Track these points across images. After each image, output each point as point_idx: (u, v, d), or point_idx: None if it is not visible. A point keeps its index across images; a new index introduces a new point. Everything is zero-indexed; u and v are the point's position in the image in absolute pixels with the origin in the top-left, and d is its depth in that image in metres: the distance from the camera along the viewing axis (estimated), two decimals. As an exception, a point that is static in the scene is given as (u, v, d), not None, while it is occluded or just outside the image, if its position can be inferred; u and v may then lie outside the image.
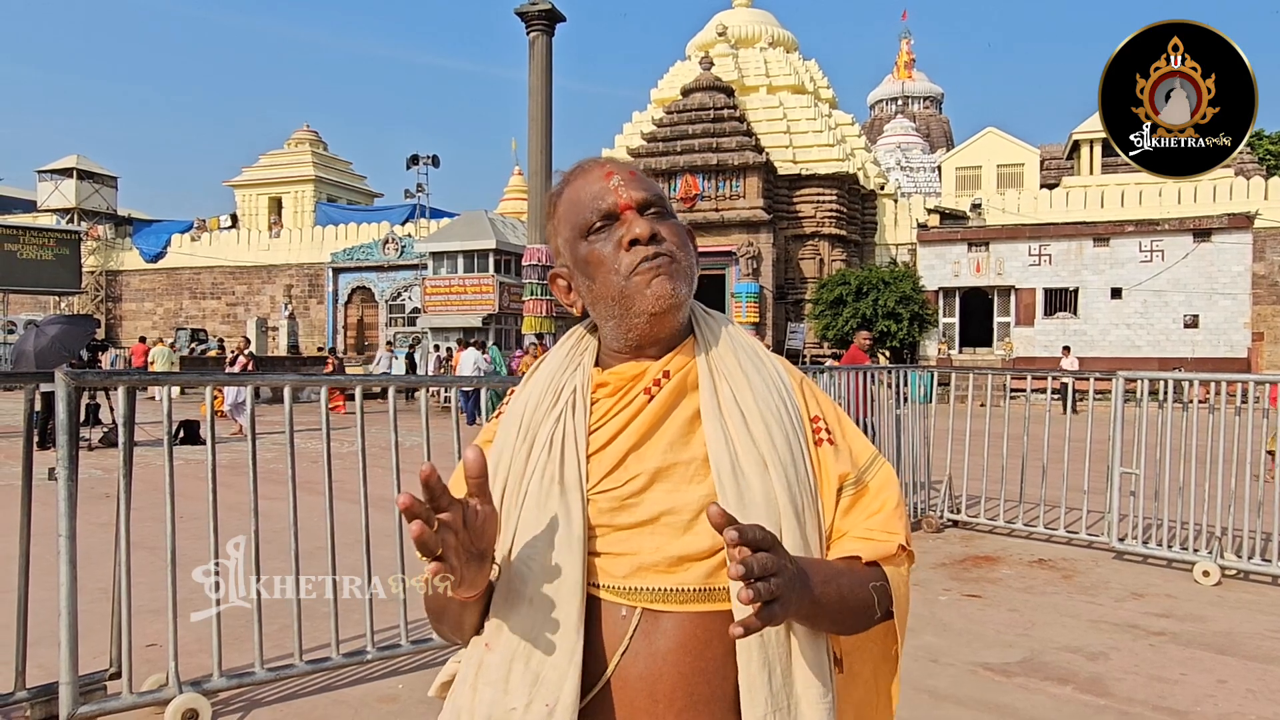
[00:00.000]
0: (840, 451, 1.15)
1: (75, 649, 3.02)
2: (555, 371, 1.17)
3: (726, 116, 27.11)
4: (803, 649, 1.05)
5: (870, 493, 1.15)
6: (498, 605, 1.06)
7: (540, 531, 1.04)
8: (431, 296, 27.74)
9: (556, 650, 1.00)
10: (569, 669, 0.99)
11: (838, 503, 1.13)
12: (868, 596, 1.06)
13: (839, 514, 1.13)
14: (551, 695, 0.98)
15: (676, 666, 1.01)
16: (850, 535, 1.12)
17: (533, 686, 1.00)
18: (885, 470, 1.18)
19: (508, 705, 1.01)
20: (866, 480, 1.15)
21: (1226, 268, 24.54)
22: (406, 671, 3.86)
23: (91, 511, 5.21)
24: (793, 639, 1.05)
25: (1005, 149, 37.61)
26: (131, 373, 4.46)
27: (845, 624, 1.07)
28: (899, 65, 53.28)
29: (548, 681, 0.99)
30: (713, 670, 1.02)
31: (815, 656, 1.06)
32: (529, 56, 20.83)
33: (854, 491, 1.14)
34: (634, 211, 1.11)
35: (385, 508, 3.86)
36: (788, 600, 0.92)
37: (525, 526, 1.06)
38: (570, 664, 0.99)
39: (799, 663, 1.04)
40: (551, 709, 0.98)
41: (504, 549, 1.06)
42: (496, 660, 1.04)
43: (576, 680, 0.99)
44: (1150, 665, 4.06)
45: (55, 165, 38.62)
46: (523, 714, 0.99)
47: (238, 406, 13.99)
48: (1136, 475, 6.12)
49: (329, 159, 43.17)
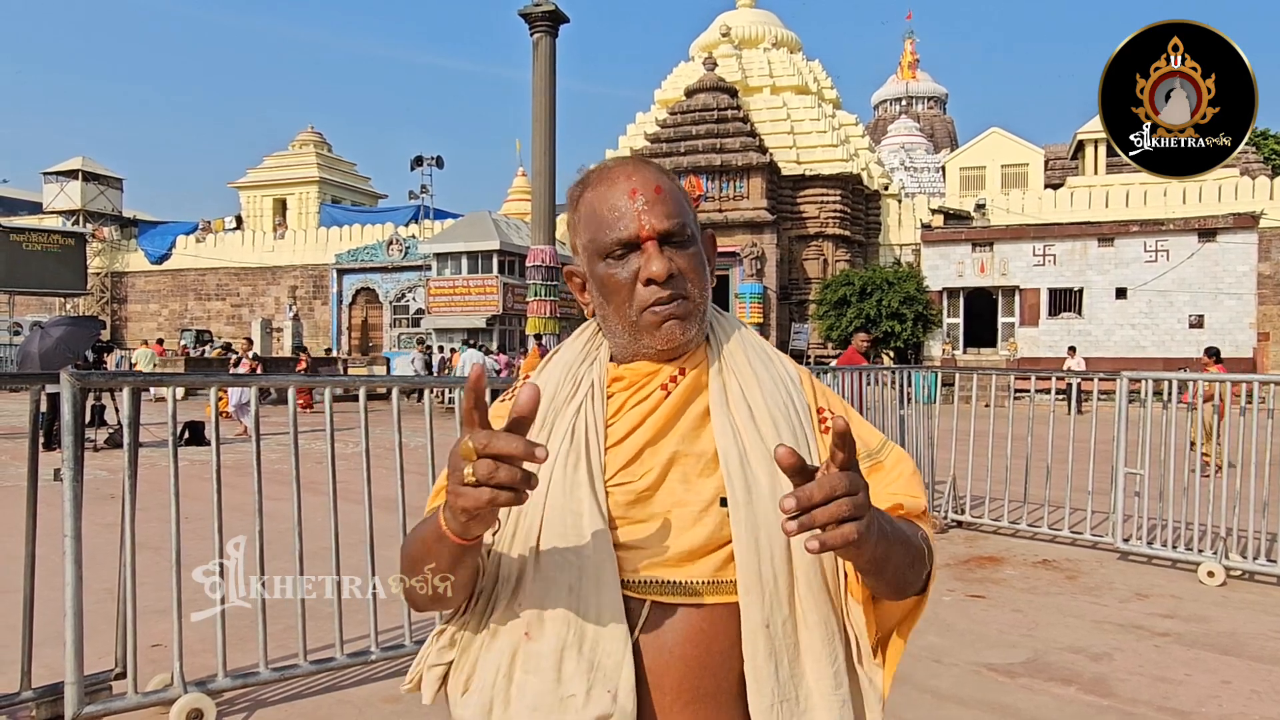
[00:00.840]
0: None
1: (80, 649, 3.03)
2: (572, 363, 1.18)
3: (730, 117, 27.10)
4: (811, 640, 1.05)
5: (886, 466, 1.15)
6: (534, 595, 1.05)
7: (571, 520, 1.05)
8: (436, 297, 27.77)
9: (610, 638, 1.01)
10: (625, 655, 1.00)
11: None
12: (920, 547, 1.05)
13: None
14: (611, 682, 0.99)
15: (684, 659, 1.01)
16: (880, 494, 1.08)
17: (590, 673, 1.00)
18: (897, 450, 1.19)
19: (563, 693, 1.00)
20: (880, 457, 1.16)
21: (1232, 267, 24.48)
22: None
23: (97, 512, 5.23)
24: (800, 630, 1.05)
25: (1009, 149, 37.56)
26: (136, 374, 4.47)
27: (904, 575, 1.02)
28: (903, 65, 53.25)
29: (605, 669, 1.00)
30: (720, 662, 1.03)
31: (826, 648, 1.05)
32: (532, 57, 20.83)
33: (869, 465, 1.13)
34: (654, 244, 1.08)
35: (389, 508, 3.87)
36: (870, 524, 0.88)
37: (553, 514, 1.06)
38: (626, 651, 1.00)
39: (809, 654, 1.04)
40: (615, 695, 0.99)
41: (529, 535, 1.07)
42: (544, 649, 1.03)
43: (632, 667, 1.00)
44: (1154, 666, 4.05)
45: (60, 167, 38.73)
46: (584, 700, 0.99)
47: (242, 408, 14.02)
48: (1141, 476, 6.11)
49: (333, 160, 43.24)
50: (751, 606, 1.03)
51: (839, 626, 1.08)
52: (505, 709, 1.03)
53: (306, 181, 41.40)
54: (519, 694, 1.03)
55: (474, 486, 0.86)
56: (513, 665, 1.05)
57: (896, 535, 0.98)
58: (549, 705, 1.00)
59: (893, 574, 1.00)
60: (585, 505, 1.05)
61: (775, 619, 1.04)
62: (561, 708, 1.00)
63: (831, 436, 0.88)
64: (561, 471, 1.07)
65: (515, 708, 1.02)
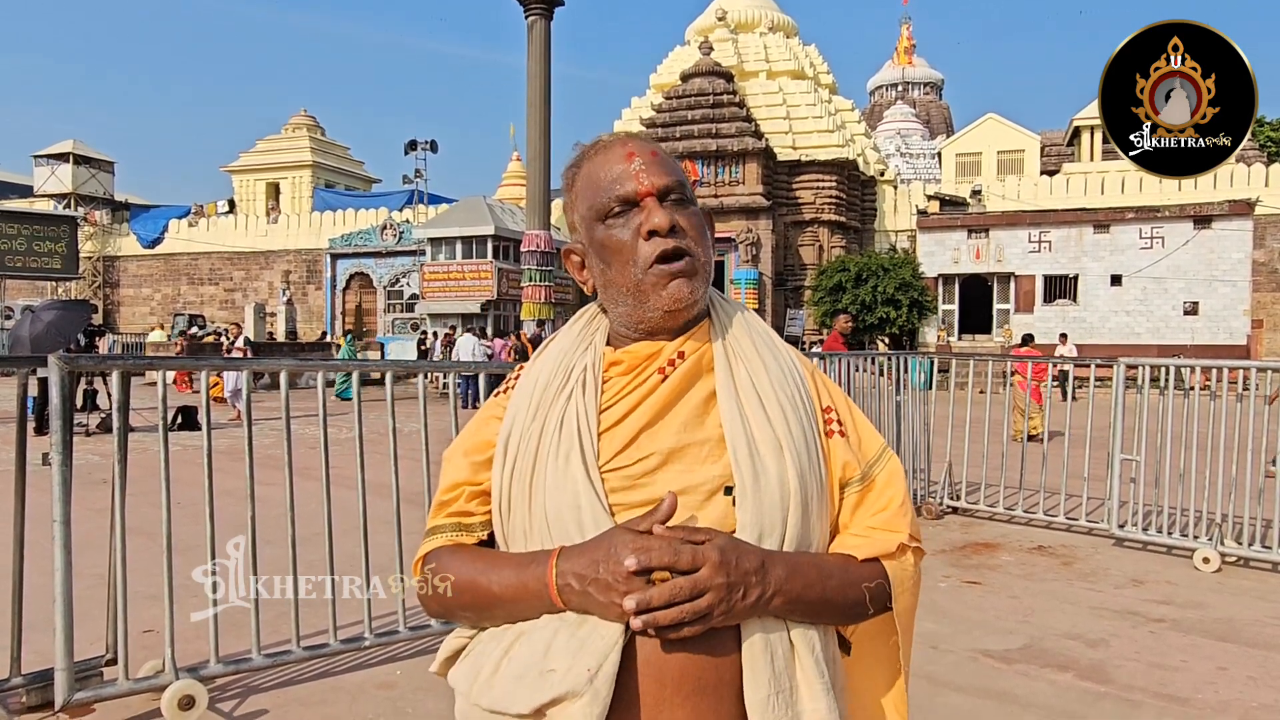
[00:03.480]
0: (850, 444, 1.15)
1: (71, 635, 3.00)
2: (566, 351, 1.17)
3: (726, 102, 27.01)
4: (804, 631, 1.05)
5: (876, 489, 1.15)
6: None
7: (569, 513, 1.05)
8: (430, 282, 27.68)
9: (606, 623, 1.00)
10: (616, 641, 0.99)
11: (843, 498, 1.14)
12: (858, 596, 1.07)
13: (846, 510, 1.14)
14: (594, 661, 0.98)
15: (684, 651, 1.00)
16: (850, 532, 1.13)
17: (577, 652, 0.99)
18: (892, 465, 1.18)
19: (546, 666, 1.00)
20: (874, 474, 1.16)
21: (1226, 254, 24.52)
22: (404, 658, 3.85)
23: (88, 497, 5.19)
24: (794, 623, 1.05)
25: (1005, 135, 37.50)
26: (126, 358, 4.44)
27: (832, 621, 1.09)
28: (899, 51, 53.05)
29: (593, 650, 0.99)
30: (719, 655, 1.01)
31: (818, 637, 1.06)
32: (527, 41, 20.71)
33: (860, 488, 1.14)
34: (654, 199, 1.10)
35: (383, 493, 3.84)
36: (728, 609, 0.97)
37: (553, 506, 1.06)
38: (618, 637, 0.99)
39: (800, 645, 1.04)
40: (593, 675, 0.97)
41: (530, 528, 1.08)
42: (540, 624, 1.03)
43: (619, 653, 0.99)
44: (1150, 652, 4.05)
45: (51, 150, 38.43)
46: (562, 676, 0.98)
47: (237, 393, 13.97)
48: (1137, 462, 6.11)
49: (327, 144, 43.00)
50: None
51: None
52: (493, 674, 1.04)
53: (300, 165, 41.17)
54: (509, 664, 1.03)
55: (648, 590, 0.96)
56: (515, 641, 1.05)
57: (808, 597, 1.03)
58: (531, 677, 1.00)
59: (810, 621, 1.06)
60: (582, 496, 1.05)
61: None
62: (540, 680, 0.99)
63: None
64: (553, 464, 1.07)
65: (502, 674, 1.03)
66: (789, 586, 1.01)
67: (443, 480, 1.18)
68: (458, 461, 1.17)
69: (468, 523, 1.15)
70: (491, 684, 1.03)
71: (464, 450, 1.18)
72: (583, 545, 1.01)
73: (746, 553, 1.00)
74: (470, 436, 1.19)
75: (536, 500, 1.07)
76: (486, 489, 1.15)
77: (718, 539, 0.99)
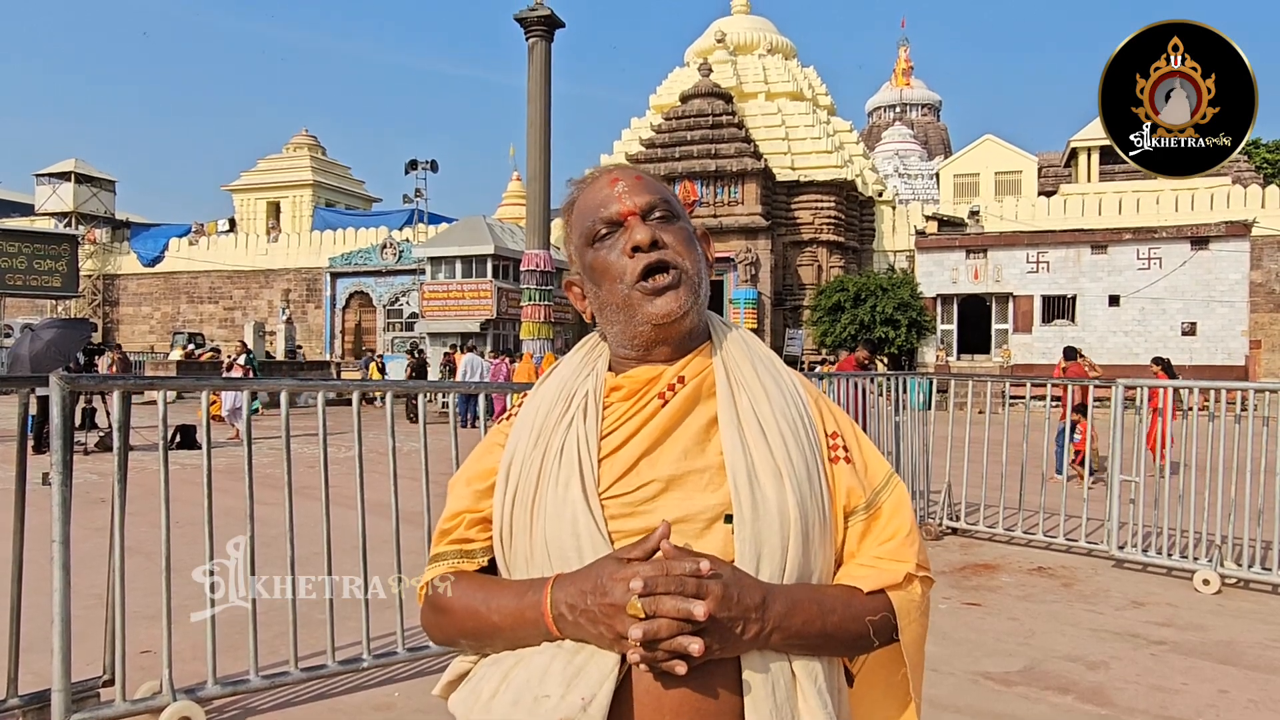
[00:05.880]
0: (855, 470, 1.15)
1: (69, 655, 2.98)
2: (568, 378, 1.18)
3: (725, 123, 27.15)
4: (806, 662, 1.04)
5: (883, 518, 1.14)
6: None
7: (569, 538, 1.05)
8: (430, 301, 27.71)
9: (603, 651, 1.00)
10: (612, 668, 0.99)
11: (848, 526, 1.13)
12: (861, 630, 1.07)
13: (852, 539, 1.13)
14: (589, 690, 0.98)
15: (683, 681, 0.99)
16: (857, 561, 1.12)
17: (573, 680, 0.99)
18: (899, 492, 1.17)
19: (541, 692, 1.00)
20: (880, 502, 1.15)
21: (1224, 275, 24.59)
22: (403, 679, 3.83)
23: (87, 516, 5.18)
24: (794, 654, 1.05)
25: (1003, 156, 37.65)
26: (126, 377, 4.45)
27: (834, 654, 1.09)
28: (897, 73, 53.35)
29: (589, 678, 0.99)
30: (720, 682, 1.01)
31: (821, 668, 1.05)
32: (528, 62, 20.85)
33: (865, 516, 1.14)
34: (637, 217, 1.12)
35: (383, 513, 3.84)
36: (719, 649, 0.98)
37: (553, 533, 1.06)
38: (614, 665, 0.99)
39: (802, 675, 1.04)
40: (587, 703, 0.97)
41: (532, 556, 1.08)
42: (538, 651, 1.04)
43: (614, 682, 0.99)
44: (1151, 674, 4.03)
45: (53, 169, 38.54)
46: (556, 703, 0.98)
47: (235, 412, 13.96)
48: (1136, 483, 6.10)
49: (327, 164, 43.16)
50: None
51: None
52: (491, 699, 1.04)
53: (300, 185, 41.30)
54: (506, 689, 1.04)
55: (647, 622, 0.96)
56: (515, 665, 1.05)
57: (808, 633, 1.03)
58: (526, 703, 1.00)
59: (811, 655, 1.06)
60: (581, 523, 1.05)
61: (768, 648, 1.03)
62: (535, 706, 0.99)
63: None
64: (553, 492, 1.07)
65: (499, 699, 1.03)
66: (788, 623, 1.01)
67: (446, 509, 1.19)
68: (460, 490, 1.19)
69: (469, 549, 1.15)
70: (489, 709, 1.03)
71: (466, 479, 1.19)
72: (574, 574, 1.02)
73: (749, 587, 1.00)
74: (473, 464, 1.20)
75: (537, 527, 1.08)
76: (487, 515, 1.15)
77: (723, 571, 0.99)
